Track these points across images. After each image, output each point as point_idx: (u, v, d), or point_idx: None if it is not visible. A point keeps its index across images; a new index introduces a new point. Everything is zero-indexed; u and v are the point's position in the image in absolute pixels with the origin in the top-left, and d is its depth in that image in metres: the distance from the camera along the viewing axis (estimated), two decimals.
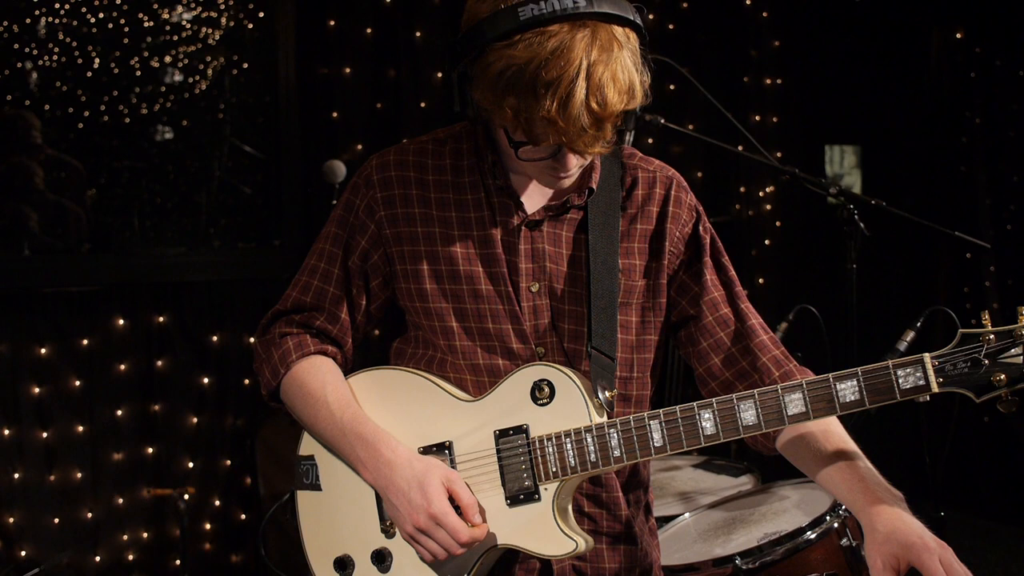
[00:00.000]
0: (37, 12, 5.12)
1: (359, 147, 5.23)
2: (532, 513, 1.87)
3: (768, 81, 6.18)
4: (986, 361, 1.67)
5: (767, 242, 6.19)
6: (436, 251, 1.98)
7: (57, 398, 4.62)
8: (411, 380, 1.99)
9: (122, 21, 5.29)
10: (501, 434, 1.89)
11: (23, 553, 4.52)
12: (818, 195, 3.14)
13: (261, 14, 5.32)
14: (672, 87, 5.83)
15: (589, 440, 1.83)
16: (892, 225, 3.16)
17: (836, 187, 3.06)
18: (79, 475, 4.65)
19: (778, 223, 6.21)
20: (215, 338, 4.92)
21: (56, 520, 4.61)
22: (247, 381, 4.95)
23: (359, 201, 2.04)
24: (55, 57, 5.25)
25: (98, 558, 4.68)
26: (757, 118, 6.09)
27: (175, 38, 5.44)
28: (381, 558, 1.96)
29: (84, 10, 5.22)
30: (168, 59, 5.51)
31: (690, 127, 5.26)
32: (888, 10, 6.15)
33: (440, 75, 5.44)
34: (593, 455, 1.83)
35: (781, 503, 2.77)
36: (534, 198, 2.00)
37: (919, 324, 2.76)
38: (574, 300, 1.97)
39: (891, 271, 6.00)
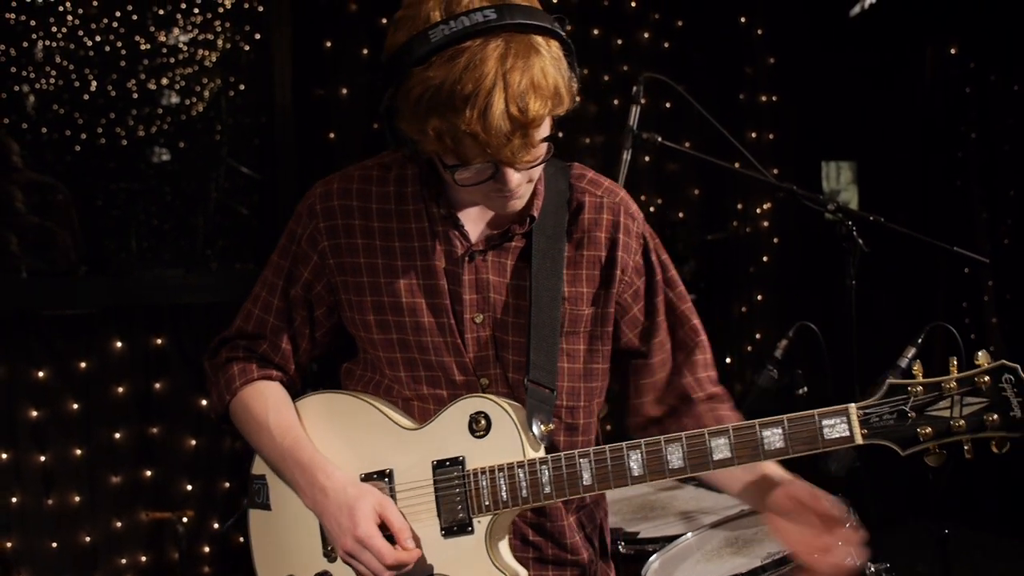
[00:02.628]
0: (34, 36, 5.13)
1: None
2: (466, 545, 1.88)
3: (763, 98, 6.19)
4: (912, 414, 1.64)
5: (765, 259, 6.19)
6: (379, 282, 1.97)
7: (55, 421, 4.61)
8: (357, 406, 2.00)
9: (119, 44, 5.30)
10: (438, 465, 1.90)
11: None
12: (815, 212, 3.14)
13: (258, 36, 5.33)
14: (668, 105, 5.84)
15: (521, 475, 1.83)
16: (890, 241, 3.15)
17: (834, 203, 3.06)
18: (77, 498, 4.63)
19: (776, 240, 6.22)
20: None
21: (54, 544, 4.58)
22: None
23: (302, 231, 2.03)
24: (52, 80, 5.25)
25: None
26: (753, 135, 6.10)
27: (172, 60, 5.44)
28: None
29: (81, 33, 5.22)
30: (165, 81, 5.52)
31: (686, 144, 5.26)
32: (883, 26, 6.18)
33: None
34: (524, 491, 1.83)
35: None
36: (479, 227, 1.98)
37: (920, 340, 2.75)
38: (517, 331, 1.96)
39: (890, 287, 6.00)
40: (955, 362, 1.65)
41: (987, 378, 1.63)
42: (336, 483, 1.91)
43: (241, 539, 4.91)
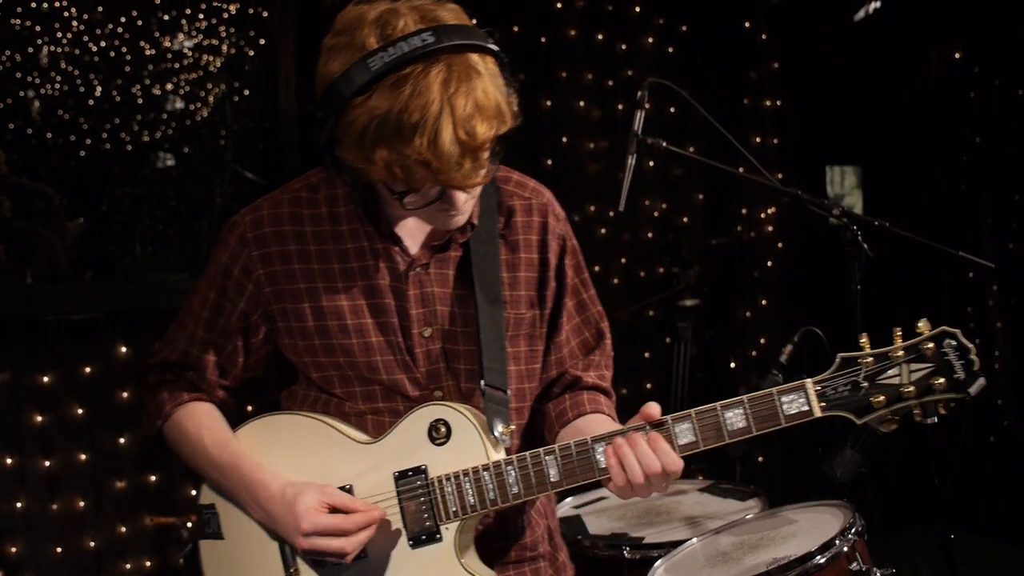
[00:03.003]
0: (39, 41, 5.14)
1: None
2: (435, 554, 1.88)
3: (768, 102, 6.19)
4: (865, 384, 1.74)
5: (769, 263, 6.18)
6: (321, 306, 1.94)
7: (59, 426, 4.61)
8: (305, 424, 1.97)
9: (124, 49, 5.31)
10: (400, 475, 1.89)
11: None
12: (820, 216, 3.13)
13: (262, 41, 5.34)
14: (672, 110, 5.84)
15: (487, 478, 1.85)
16: (894, 245, 3.15)
17: (839, 208, 3.06)
18: (82, 503, 4.63)
19: (780, 244, 6.21)
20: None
21: (59, 549, 4.58)
22: (250, 407, 4.93)
23: (232, 261, 1.99)
24: (57, 86, 5.26)
25: None
26: (757, 139, 6.09)
27: (176, 66, 5.45)
28: None
29: (86, 39, 5.23)
30: (170, 86, 5.53)
31: (691, 149, 5.26)
32: (887, 30, 6.17)
33: None
34: (492, 492, 1.85)
35: (789, 527, 2.75)
36: (418, 240, 1.97)
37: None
38: (466, 340, 1.96)
39: (894, 292, 5.99)
40: (899, 332, 1.75)
41: (931, 345, 1.74)
42: (275, 490, 1.91)
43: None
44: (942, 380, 1.72)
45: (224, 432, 2.02)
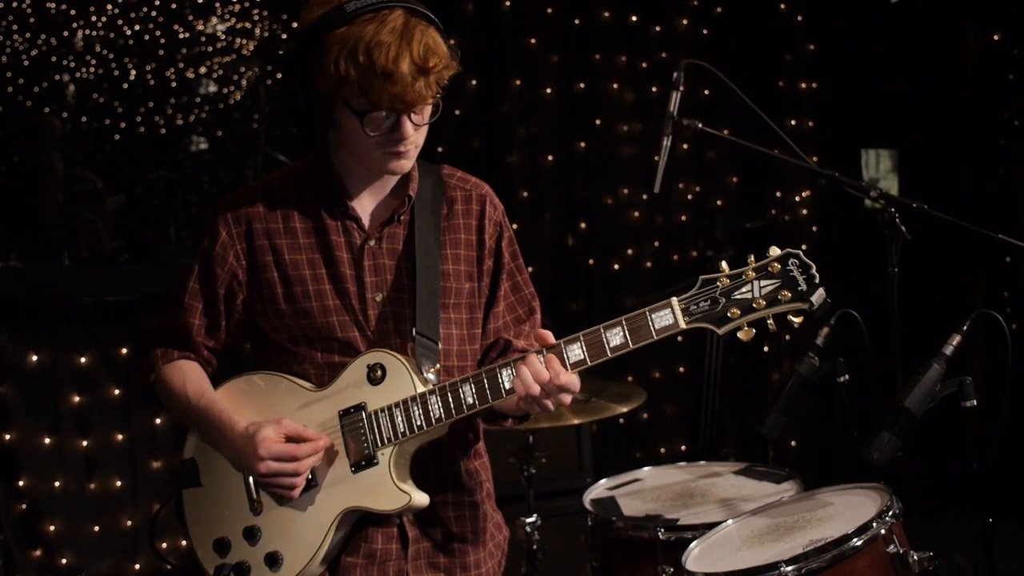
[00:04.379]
0: (74, 25, 5.18)
1: None
2: (373, 476, 2.19)
3: (803, 85, 6.14)
4: (723, 299, 2.03)
5: (804, 246, 6.13)
6: (287, 275, 2.27)
7: (96, 407, 4.66)
8: (271, 380, 2.30)
9: (157, 33, 5.35)
10: (344, 413, 2.22)
11: (64, 561, 4.56)
12: (855, 199, 3.11)
13: (295, 24, 5.35)
14: (706, 92, 5.81)
15: (415, 408, 2.16)
16: (930, 229, 3.12)
17: (876, 191, 3.03)
18: (119, 483, 4.68)
19: (814, 228, 6.17)
20: (249, 345, 4.94)
21: (96, 528, 4.64)
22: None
23: (215, 238, 2.30)
24: (92, 69, 5.31)
25: (137, 566, 4.71)
26: (793, 122, 6.06)
27: (210, 49, 5.49)
28: (251, 533, 2.26)
29: (120, 23, 5.27)
30: (203, 70, 5.57)
31: (724, 132, 5.24)
32: (924, 12, 6.10)
33: (475, 83, 5.44)
34: (418, 419, 2.15)
35: (825, 509, 2.74)
36: (369, 216, 2.30)
37: (965, 328, 2.72)
38: (409, 304, 2.27)
39: (930, 275, 5.95)
40: (752, 258, 2.05)
41: (777, 265, 2.04)
42: (241, 427, 2.22)
43: None
44: (787, 292, 2.01)
45: (203, 384, 2.33)
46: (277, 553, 2.23)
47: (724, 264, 2.06)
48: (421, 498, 2.19)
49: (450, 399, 2.15)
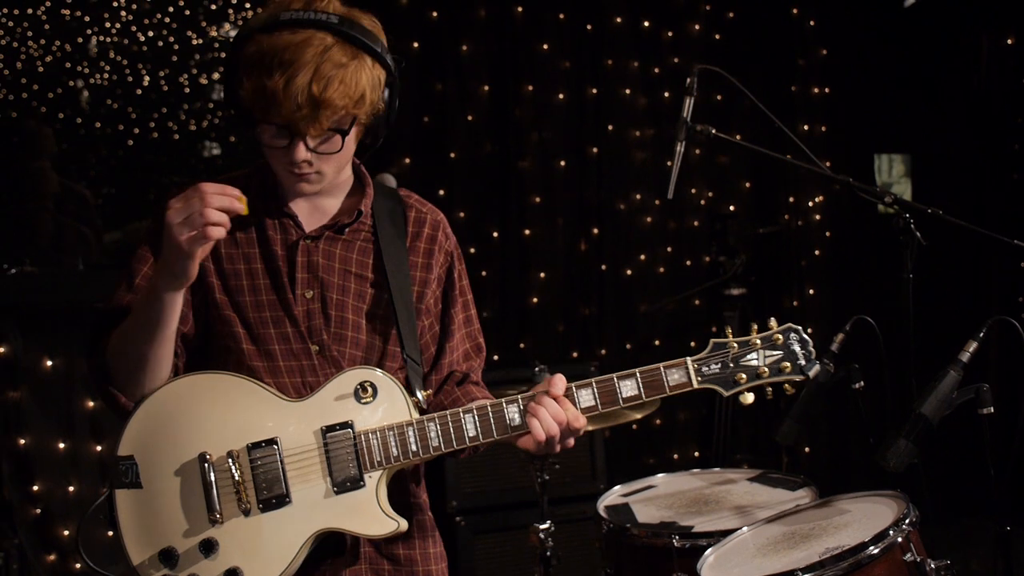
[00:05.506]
0: (89, 31, 5.20)
1: (407, 160, 5.25)
2: (358, 498, 2.12)
3: (816, 90, 6.13)
4: (732, 364, 2.16)
5: (817, 252, 6.14)
6: (225, 269, 2.23)
7: (110, 412, 4.64)
8: (233, 382, 2.17)
9: (171, 39, 5.36)
10: (328, 429, 2.13)
11: (78, 566, 4.56)
12: (868, 205, 3.09)
13: None
14: (719, 97, 5.80)
15: (411, 433, 2.13)
16: (944, 234, 3.11)
17: (891, 196, 3.02)
18: None
19: (827, 233, 6.16)
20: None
21: (110, 533, 4.63)
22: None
23: (160, 229, 2.17)
24: (106, 75, 5.32)
25: None
26: (805, 127, 6.04)
27: (223, 55, 5.49)
28: (208, 546, 2.12)
29: (134, 29, 5.29)
30: (216, 76, 5.57)
31: (737, 137, 5.24)
32: (937, 16, 6.09)
33: (487, 88, 5.44)
34: (414, 445, 2.13)
35: (841, 517, 2.73)
36: (312, 220, 2.27)
37: (981, 335, 2.71)
38: (340, 307, 2.24)
39: (944, 281, 5.93)
40: (755, 327, 2.20)
41: (780, 337, 2.19)
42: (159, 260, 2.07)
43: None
44: (788, 364, 2.18)
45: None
46: (237, 570, 2.10)
47: (729, 330, 2.21)
48: (404, 525, 2.14)
49: (451, 429, 2.13)
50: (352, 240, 2.28)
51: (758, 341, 2.18)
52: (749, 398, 2.17)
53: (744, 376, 2.16)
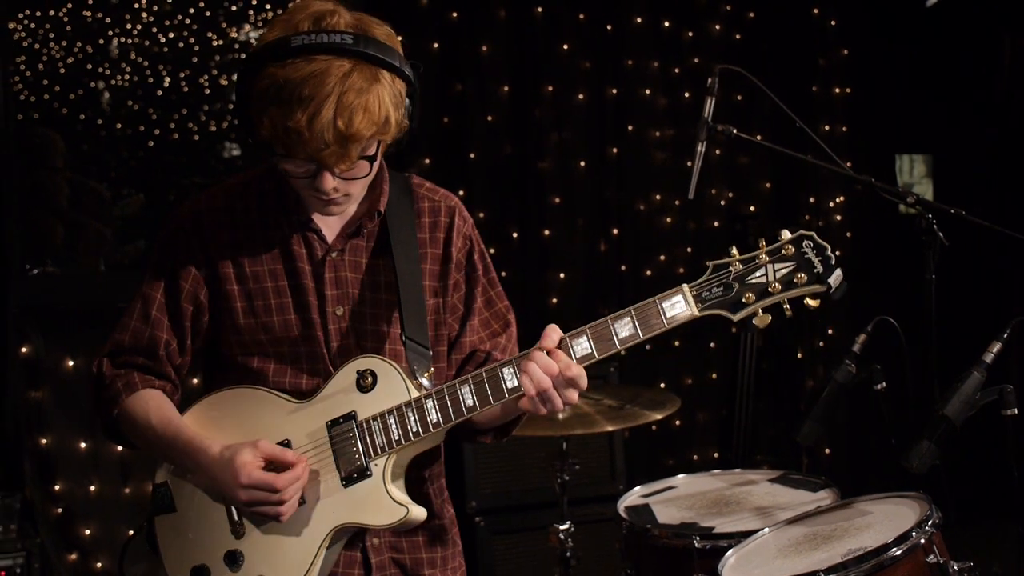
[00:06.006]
0: (110, 33, 5.22)
1: (427, 161, 5.25)
2: (366, 488, 2.07)
3: (837, 90, 6.11)
4: (736, 284, 1.96)
5: (837, 252, 6.08)
6: (248, 288, 2.17)
7: None
8: (247, 393, 2.17)
9: (192, 40, 5.37)
10: (333, 423, 2.10)
11: (99, 565, 4.58)
12: (889, 205, 3.08)
13: None
14: (739, 97, 5.78)
15: (409, 413, 2.05)
16: (966, 235, 3.09)
17: (913, 196, 3.00)
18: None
19: (848, 234, 6.13)
20: (196, 379, 4.94)
21: (131, 532, 4.64)
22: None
23: (174, 247, 2.20)
24: (127, 76, 5.34)
25: None
26: (826, 128, 6.02)
27: (243, 56, 5.50)
28: (233, 559, 2.13)
29: (155, 30, 5.30)
30: (236, 77, 5.58)
31: (757, 137, 5.22)
32: (959, 16, 6.05)
33: (507, 89, 5.44)
34: (414, 425, 2.05)
35: (863, 518, 2.71)
36: (334, 228, 2.19)
37: (1005, 335, 2.69)
38: (374, 320, 2.18)
39: (966, 281, 5.89)
40: (763, 241, 1.97)
41: (791, 247, 1.97)
42: (215, 453, 2.09)
43: None
44: (803, 275, 1.95)
45: (169, 412, 2.19)
46: None
47: (734, 249, 1.99)
48: (418, 512, 2.09)
49: (448, 402, 2.04)
50: (368, 240, 2.21)
51: (765, 256, 1.97)
52: (766, 319, 1.97)
53: (752, 295, 1.96)
